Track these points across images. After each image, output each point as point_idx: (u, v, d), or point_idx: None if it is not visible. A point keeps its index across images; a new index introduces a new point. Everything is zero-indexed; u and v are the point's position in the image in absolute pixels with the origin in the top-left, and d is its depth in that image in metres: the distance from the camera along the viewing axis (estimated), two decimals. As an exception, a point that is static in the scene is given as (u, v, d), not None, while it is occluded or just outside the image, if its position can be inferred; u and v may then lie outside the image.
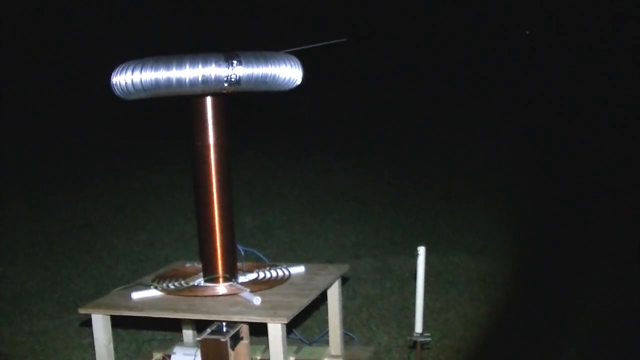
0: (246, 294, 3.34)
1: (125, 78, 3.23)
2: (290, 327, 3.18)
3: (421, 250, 3.29)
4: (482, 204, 7.83)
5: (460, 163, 9.92)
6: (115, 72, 3.28)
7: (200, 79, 3.13)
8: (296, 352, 3.82)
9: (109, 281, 5.79)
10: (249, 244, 6.03)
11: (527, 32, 21.50)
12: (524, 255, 6.20)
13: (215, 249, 3.50)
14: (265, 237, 6.89)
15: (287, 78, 3.34)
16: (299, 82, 3.42)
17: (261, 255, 3.88)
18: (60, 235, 7.25)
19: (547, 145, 11.04)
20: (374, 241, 6.64)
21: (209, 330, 3.31)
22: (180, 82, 3.14)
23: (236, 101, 3.58)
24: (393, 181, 9.05)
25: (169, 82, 3.14)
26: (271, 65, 3.27)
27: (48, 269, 6.23)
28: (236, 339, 3.30)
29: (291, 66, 3.35)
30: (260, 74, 3.23)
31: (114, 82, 3.28)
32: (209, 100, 3.40)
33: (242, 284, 3.51)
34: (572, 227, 6.94)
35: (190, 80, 3.13)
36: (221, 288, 3.46)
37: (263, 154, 10.74)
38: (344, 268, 3.87)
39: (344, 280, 4.82)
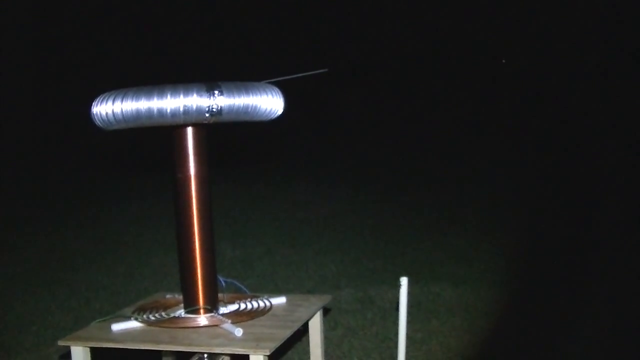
0: (228, 325, 3.31)
1: (105, 108, 3.20)
2: (272, 359, 3.14)
3: (404, 281, 3.28)
4: (462, 232, 7.85)
5: (440, 192, 9.94)
6: (96, 102, 3.25)
7: (181, 109, 3.12)
8: (278, 384, 3.79)
9: (88, 313, 5.74)
10: (229, 275, 5.99)
11: (504, 61, 21.65)
12: (506, 284, 6.20)
13: (196, 281, 3.47)
14: (245, 268, 6.86)
15: (269, 109, 3.34)
16: (280, 112, 3.42)
17: (242, 287, 3.85)
18: (38, 268, 7.18)
19: (529, 171, 11.09)
20: (354, 271, 6.63)
21: (190, 362, 3.28)
22: (161, 113, 3.12)
23: (216, 131, 3.57)
24: (373, 211, 9.04)
25: (150, 112, 3.12)
26: (252, 95, 3.26)
27: (26, 302, 6.16)
28: (218, 371, 3.27)
29: (272, 96, 3.34)
30: (242, 104, 3.22)
31: (95, 113, 3.25)
32: (189, 130, 3.38)
33: (224, 315, 3.48)
34: (557, 254, 6.96)
35: (171, 110, 3.11)
36: (202, 319, 3.43)
37: (242, 184, 10.71)
38: (326, 299, 3.85)
39: (326, 311, 4.80)
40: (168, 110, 3.12)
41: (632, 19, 17.69)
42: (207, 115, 3.17)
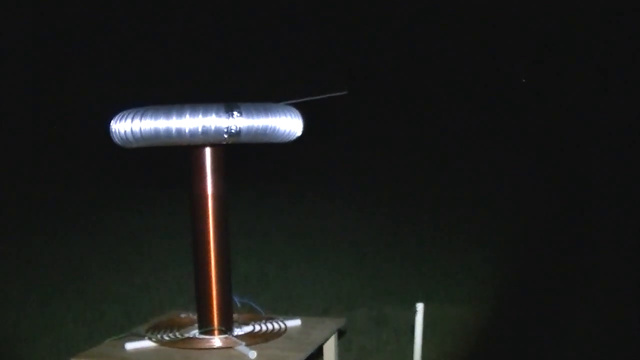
0: (242, 347, 3.28)
1: (124, 126, 3.19)
2: (285, 382, 3.13)
3: (419, 307, 3.25)
4: (479, 250, 7.79)
5: (459, 211, 9.88)
6: (115, 119, 3.24)
7: (200, 129, 3.10)
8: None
9: (102, 326, 5.73)
10: (244, 291, 5.96)
11: (524, 80, 21.57)
12: (523, 306, 6.15)
13: (212, 301, 3.44)
14: (260, 285, 6.83)
15: (287, 130, 3.31)
16: (298, 134, 3.39)
17: (257, 307, 3.82)
18: (52, 278, 7.18)
19: (545, 191, 11.02)
20: (370, 289, 6.59)
21: (203, 383, 3.25)
22: (179, 132, 3.10)
23: (235, 147, 3.55)
24: (390, 228, 8.99)
25: (168, 131, 3.10)
26: (271, 116, 3.23)
27: (40, 313, 6.15)
28: (231, 393, 3.24)
29: (291, 118, 3.32)
30: (261, 125, 3.20)
31: (113, 130, 3.24)
32: (208, 150, 3.36)
33: (238, 336, 3.45)
34: (573, 273, 6.90)
35: (190, 130, 3.09)
36: (217, 341, 3.40)
37: (259, 198, 10.69)
38: (341, 322, 3.82)
39: (340, 332, 4.77)
40: (187, 130, 3.10)
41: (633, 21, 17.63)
42: (225, 135, 3.14)
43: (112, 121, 3.25)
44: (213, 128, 3.12)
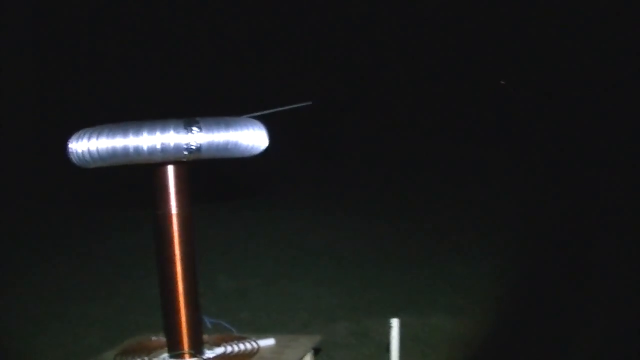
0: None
1: (81, 145, 3.08)
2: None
3: (394, 323, 3.16)
4: (462, 260, 7.73)
5: (440, 221, 9.80)
6: (72, 139, 3.14)
7: (159, 146, 2.99)
8: None
9: (80, 350, 5.62)
10: (223, 308, 5.91)
11: (502, 82, 21.59)
12: (507, 314, 6.09)
13: (180, 323, 3.34)
14: (240, 300, 6.72)
15: (251, 144, 3.20)
16: (263, 148, 3.29)
17: (228, 326, 3.72)
18: (29, 302, 7.06)
19: (530, 197, 10.98)
20: (351, 303, 6.49)
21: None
22: (137, 150, 2.99)
23: (208, 162, 3.43)
24: (372, 240, 8.91)
25: (126, 150, 3.00)
26: (232, 130, 3.13)
27: (16, 337, 6.04)
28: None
29: (254, 131, 3.21)
30: (222, 140, 3.09)
31: (71, 150, 3.14)
32: (169, 168, 3.25)
33: (209, 359, 3.36)
34: (560, 281, 6.84)
35: (148, 148, 2.99)
36: (186, 365, 3.31)
37: (237, 214, 10.58)
38: (316, 339, 3.72)
39: (318, 349, 4.67)
40: (145, 148, 2.99)
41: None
42: (185, 152, 3.03)
43: (69, 141, 3.15)
44: (172, 145, 3.01)
